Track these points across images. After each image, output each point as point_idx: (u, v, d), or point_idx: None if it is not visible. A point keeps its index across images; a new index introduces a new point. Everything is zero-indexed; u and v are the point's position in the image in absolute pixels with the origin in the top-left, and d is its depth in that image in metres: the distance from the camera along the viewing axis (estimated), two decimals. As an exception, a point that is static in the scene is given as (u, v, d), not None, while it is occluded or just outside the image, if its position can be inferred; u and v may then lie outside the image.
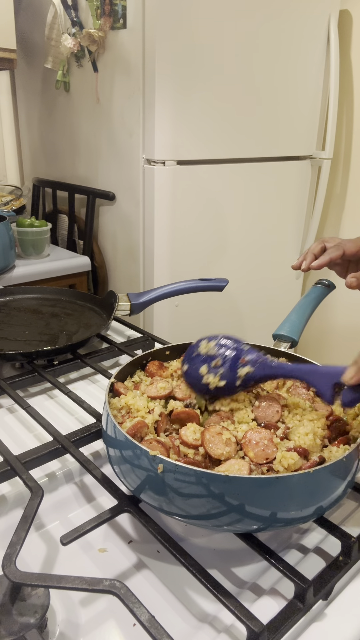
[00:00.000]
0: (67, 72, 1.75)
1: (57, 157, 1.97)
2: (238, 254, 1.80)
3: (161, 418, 0.58)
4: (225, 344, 0.60)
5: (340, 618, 0.47)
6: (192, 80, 1.47)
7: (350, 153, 1.97)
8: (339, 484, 0.51)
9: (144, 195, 1.57)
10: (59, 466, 0.65)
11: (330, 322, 2.16)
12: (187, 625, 0.47)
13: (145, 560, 0.54)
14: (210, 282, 1.00)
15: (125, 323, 1.06)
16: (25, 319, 1.03)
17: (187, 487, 0.47)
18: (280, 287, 1.99)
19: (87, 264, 1.77)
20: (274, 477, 0.46)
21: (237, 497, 0.46)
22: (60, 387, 0.78)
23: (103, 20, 1.53)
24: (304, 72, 1.74)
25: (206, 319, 1.76)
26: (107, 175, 1.73)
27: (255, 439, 0.53)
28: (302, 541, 0.56)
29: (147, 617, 0.41)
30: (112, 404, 0.60)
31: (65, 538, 0.48)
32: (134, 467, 0.51)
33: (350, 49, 1.87)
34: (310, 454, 0.53)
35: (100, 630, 0.47)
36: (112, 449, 0.55)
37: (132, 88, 1.50)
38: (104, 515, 0.52)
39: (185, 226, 1.61)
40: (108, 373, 0.83)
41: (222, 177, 1.65)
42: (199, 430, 0.55)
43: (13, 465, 0.59)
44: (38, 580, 0.43)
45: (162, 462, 0.48)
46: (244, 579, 0.52)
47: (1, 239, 1.48)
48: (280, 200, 1.86)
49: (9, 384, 0.79)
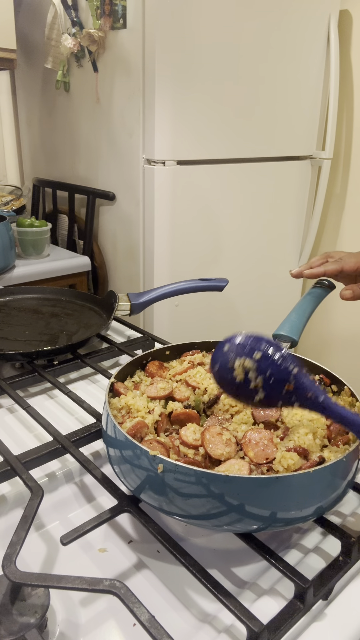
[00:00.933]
0: (67, 72, 1.75)
1: (57, 157, 1.97)
2: (238, 254, 1.80)
3: (161, 418, 0.58)
4: (270, 357, 0.50)
5: (340, 618, 0.47)
6: (192, 80, 1.47)
7: (350, 153, 1.97)
8: (339, 484, 0.51)
9: (144, 195, 1.57)
10: (59, 466, 0.65)
11: (331, 323, 2.16)
12: (187, 625, 0.47)
13: (145, 560, 0.54)
14: (210, 282, 1.00)
15: (125, 323, 1.06)
16: (25, 319, 1.03)
17: (187, 487, 0.47)
18: (280, 287, 1.99)
19: (87, 264, 1.77)
20: (273, 477, 0.46)
21: (237, 497, 0.46)
22: (60, 387, 0.78)
23: (103, 20, 1.53)
24: (304, 72, 1.74)
25: (206, 319, 1.76)
26: (107, 175, 1.73)
27: (255, 439, 0.53)
28: (302, 541, 0.56)
29: (147, 617, 0.41)
30: (112, 404, 0.59)
31: (65, 538, 0.48)
32: (134, 467, 0.51)
33: (350, 49, 1.87)
34: (310, 453, 0.53)
35: (100, 630, 0.47)
36: (112, 449, 0.55)
37: (132, 88, 1.50)
38: (104, 515, 0.52)
39: (185, 226, 1.61)
40: (108, 373, 0.83)
41: (222, 177, 1.65)
42: (199, 430, 0.55)
43: (13, 465, 0.59)
44: (38, 580, 0.43)
45: (162, 462, 0.48)
46: (244, 579, 0.52)
47: (1, 239, 1.48)
48: (280, 200, 1.86)
49: (9, 384, 0.79)
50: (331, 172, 1.93)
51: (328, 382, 0.67)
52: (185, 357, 0.71)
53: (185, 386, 0.64)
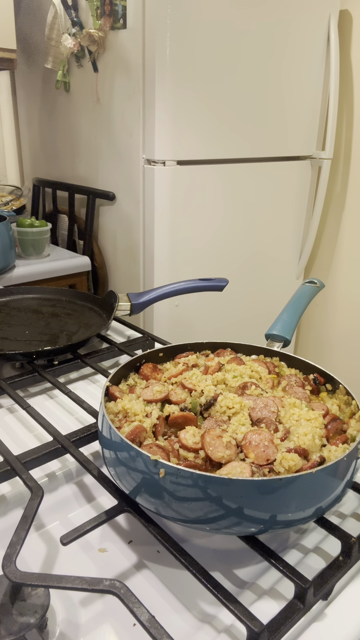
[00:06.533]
0: (67, 72, 1.75)
1: (57, 157, 1.97)
2: (238, 254, 1.80)
3: (159, 421, 0.57)
4: None
5: (340, 618, 0.47)
6: (192, 80, 1.47)
7: (350, 153, 1.97)
8: (339, 484, 0.51)
9: (144, 195, 1.57)
10: (59, 466, 0.65)
11: (330, 322, 2.16)
12: (187, 625, 0.47)
13: (145, 560, 0.54)
14: (210, 282, 1.00)
15: (125, 323, 1.06)
16: (26, 319, 1.03)
17: (188, 490, 0.47)
18: (280, 286, 1.99)
19: (87, 264, 1.77)
20: (277, 478, 0.46)
21: (240, 500, 0.46)
22: (60, 387, 0.78)
23: (103, 21, 1.53)
24: (304, 72, 1.74)
25: (206, 319, 1.76)
26: (107, 175, 1.73)
27: (255, 441, 0.53)
28: (302, 541, 0.56)
29: (147, 617, 0.41)
30: (108, 408, 0.59)
31: (65, 538, 0.48)
32: (134, 472, 0.50)
33: (350, 49, 1.87)
34: (310, 454, 0.53)
35: (100, 630, 0.47)
36: (108, 451, 0.55)
37: (132, 88, 1.50)
38: (104, 515, 0.52)
39: (186, 226, 1.61)
40: (108, 373, 0.83)
41: (222, 177, 1.65)
42: (198, 433, 0.55)
43: (13, 465, 0.59)
44: (38, 580, 0.43)
45: (164, 466, 0.47)
46: (244, 579, 0.52)
47: (1, 239, 1.48)
48: (280, 201, 1.86)
49: (9, 384, 0.79)
50: (331, 172, 1.93)
51: (322, 381, 0.67)
52: (179, 359, 0.71)
53: (181, 388, 0.63)
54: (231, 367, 0.67)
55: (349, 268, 2.06)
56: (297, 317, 0.80)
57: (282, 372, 0.70)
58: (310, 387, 0.66)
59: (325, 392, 0.66)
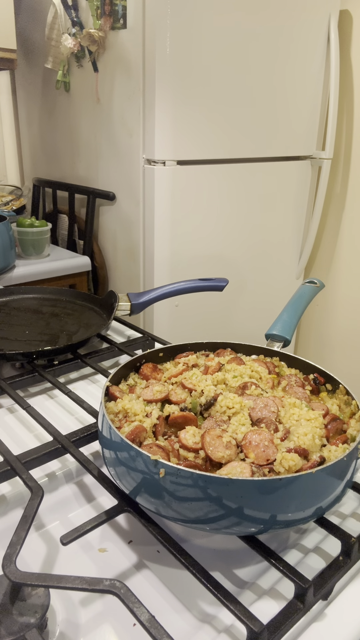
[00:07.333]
0: (67, 72, 1.75)
1: (57, 157, 1.97)
2: (238, 254, 1.80)
3: (159, 421, 0.57)
4: None
5: (340, 618, 0.47)
6: (192, 80, 1.47)
7: (350, 153, 1.97)
8: (339, 484, 0.51)
9: (144, 195, 1.57)
10: (59, 466, 0.65)
11: (330, 322, 2.16)
12: (187, 625, 0.47)
13: (145, 560, 0.54)
14: (210, 282, 1.00)
15: (125, 323, 1.06)
16: (26, 319, 1.03)
17: (188, 490, 0.47)
18: (280, 287, 1.99)
19: (87, 264, 1.77)
20: (277, 478, 0.46)
21: (240, 500, 0.46)
22: (60, 387, 0.78)
23: (103, 20, 1.53)
24: (304, 72, 1.74)
25: (206, 319, 1.76)
26: (107, 175, 1.73)
27: (255, 441, 0.53)
28: (302, 541, 0.56)
29: (147, 617, 0.41)
30: (108, 408, 0.59)
31: (65, 538, 0.48)
32: (133, 472, 0.50)
33: (350, 49, 1.87)
34: (310, 453, 0.53)
35: (100, 630, 0.47)
36: (108, 451, 0.55)
37: (132, 88, 1.50)
38: (104, 515, 0.52)
39: (185, 226, 1.61)
40: (108, 373, 0.83)
41: (222, 177, 1.65)
42: (198, 433, 0.55)
43: (13, 465, 0.59)
44: (38, 580, 0.43)
45: (164, 466, 0.47)
46: (244, 579, 0.52)
47: (1, 239, 1.48)
48: (280, 201, 1.86)
49: (9, 384, 0.79)
50: (331, 172, 1.93)
51: (322, 381, 0.67)
52: (179, 359, 0.71)
53: (181, 388, 0.63)
54: (231, 367, 0.67)
55: (349, 268, 2.06)
56: (297, 317, 0.80)
57: (282, 372, 0.70)
58: (310, 387, 0.66)
59: (325, 392, 0.66)
